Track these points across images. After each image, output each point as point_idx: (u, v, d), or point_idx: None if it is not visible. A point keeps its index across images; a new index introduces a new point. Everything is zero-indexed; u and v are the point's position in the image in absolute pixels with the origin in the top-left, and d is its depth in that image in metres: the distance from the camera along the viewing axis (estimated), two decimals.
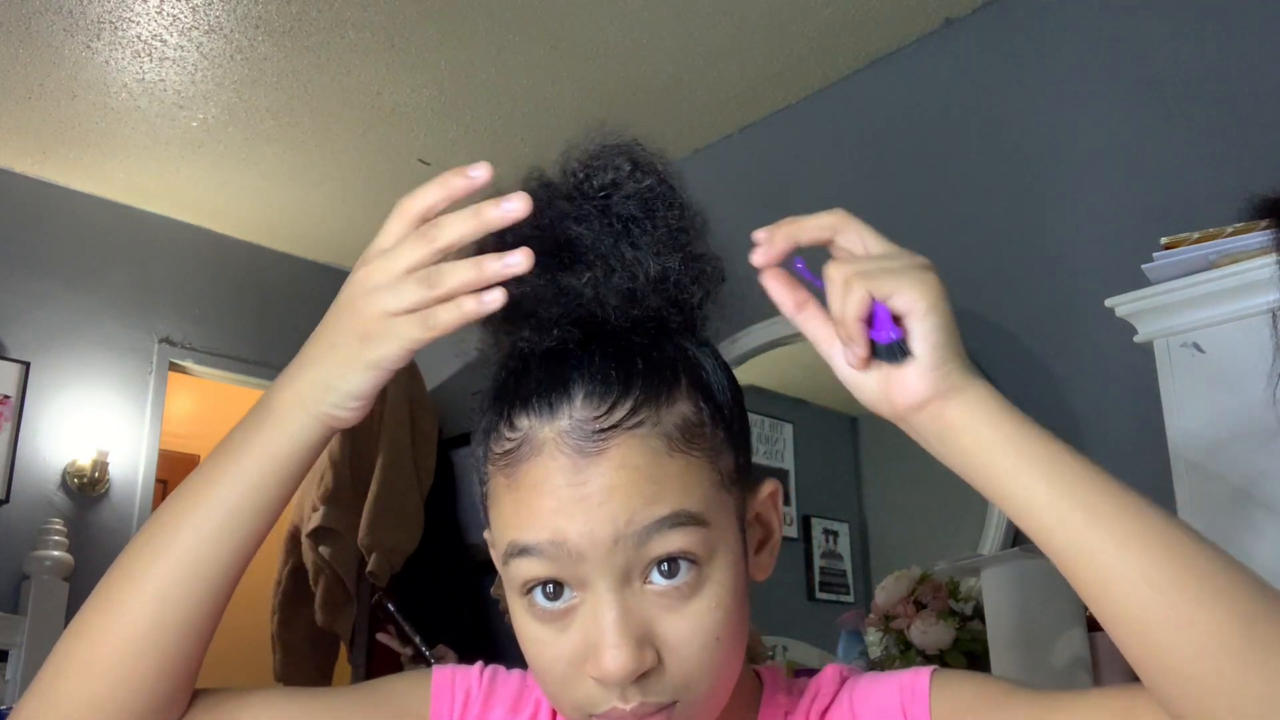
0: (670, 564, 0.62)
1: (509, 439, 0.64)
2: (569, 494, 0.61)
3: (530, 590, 0.64)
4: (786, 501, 2.92)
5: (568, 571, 0.62)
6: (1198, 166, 2.14)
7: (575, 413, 0.62)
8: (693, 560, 0.63)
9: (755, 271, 0.68)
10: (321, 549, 3.17)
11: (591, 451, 0.62)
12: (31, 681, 0.70)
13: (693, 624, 0.63)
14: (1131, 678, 0.60)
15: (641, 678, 0.61)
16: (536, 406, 0.63)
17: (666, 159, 0.69)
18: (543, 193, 0.66)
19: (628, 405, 0.63)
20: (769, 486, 0.73)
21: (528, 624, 0.65)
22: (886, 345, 0.61)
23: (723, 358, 0.72)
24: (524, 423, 0.64)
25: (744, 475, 0.69)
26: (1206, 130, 2.15)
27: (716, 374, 0.69)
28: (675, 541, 0.62)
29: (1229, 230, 1.71)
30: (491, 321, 0.66)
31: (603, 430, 0.62)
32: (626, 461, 0.62)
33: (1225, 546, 0.58)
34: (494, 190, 0.65)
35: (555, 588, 0.63)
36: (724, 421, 0.67)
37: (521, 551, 0.63)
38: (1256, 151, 2.03)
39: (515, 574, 0.64)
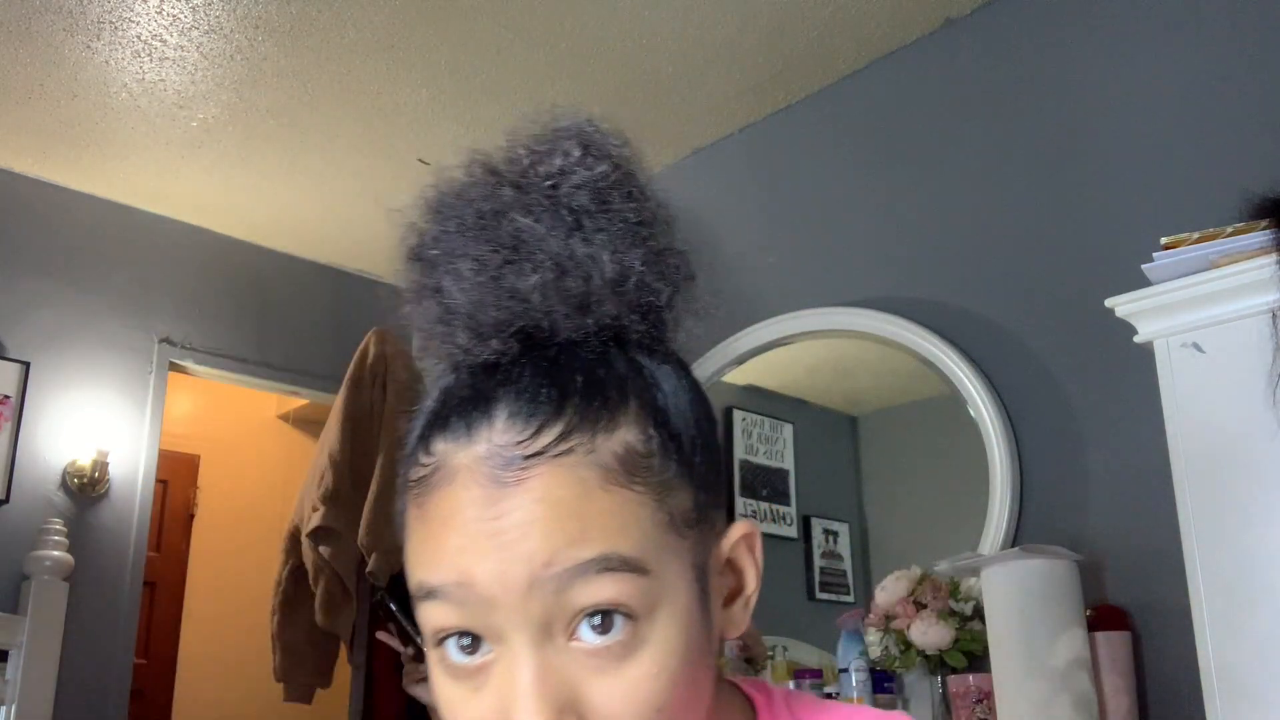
0: (602, 618, 0.53)
1: (423, 465, 0.57)
2: (480, 529, 0.54)
3: (443, 641, 0.56)
4: (785, 501, 2.92)
5: (479, 620, 0.54)
6: (1197, 166, 2.14)
7: (495, 437, 0.55)
8: (627, 614, 0.54)
9: (754, 270, 0.66)
10: (321, 549, 3.16)
11: (510, 481, 0.54)
12: None
13: (627, 692, 0.54)
14: (1131, 681, 0.60)
15: None
16: (454, 429, 0.56)
17: (624, 141, 0.61)
18: (487, 178, 0.60)
19: (556, 429, 0.55)
20: (741, 529, 0.63)
21: (440, 680, 0.57)
22: None
23: (693, 377, 0.63)
24: (440, 447, 0.57)
25: (706, 516, 0.60)
26: (1206, 130, 2.15)
27: (677, 397, 0.60)
28: (604, 590, 0.53)
29: (1229, 230, 1.71)
30: (425, 326, 0.60)
31: (525, 457, 0.54)
32: (549, 494, 0.54)
33: (1225, 546, 0.58)
34: (435, 181, 0.61)
35: (472, 640, 0.55)
36: (679, 453, 0.58)
37: (429, 594, 0.56)
38: (1256, 151, 2.04)
39: (425, 621, 0.57)
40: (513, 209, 0.58)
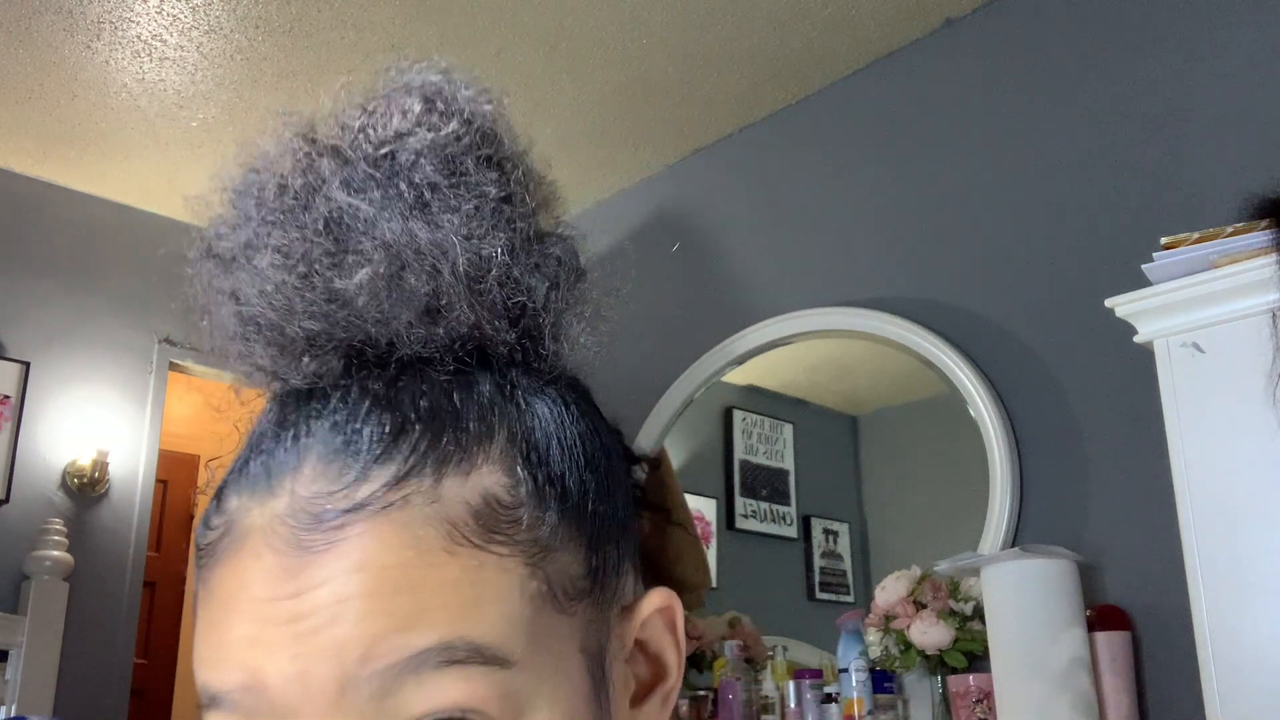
0: None
1: (211, 529, 0.43)
2: (274, 613, 0.39)
3: None
4: (785, 501, 2.92)
5: None
6: (1198, 166, 2.14)
7: (301, 486, 0.41)
8: None
9: (754, 270, 0.61)
10: None
11: (317, 546, 0.39)
12: None
13: None
14: (1131, 681, 0.60)
15: None
16: (251, 478, 0.42)
17: (483, 94, 0.46)
18: (301, 146, 0.46)
19: (387, 473, 0.40)
20: (657, 600, 0.47)
21: None
22: None
23: (591, 404, 0.49)
24: (232, 504, 0.43)
25: (604, 584, 0.45)
26: (1206, 130, 2.15)
27: (563, 428, 0.45)
28: (448, 691, 0.38)
29: (1229, 230, 1.71)
30: (220, 343, 0.48)
31: (342, 512, 0.40)
32: (372, 560, 0.39)
33: (1225, 546, 0.58)
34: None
35: None
36: (562, 501, 0.43)
37: (211, 702, 0.41)
38: (1256, 151, 2.04)
39: None
40: (330, 183, 0.44)
